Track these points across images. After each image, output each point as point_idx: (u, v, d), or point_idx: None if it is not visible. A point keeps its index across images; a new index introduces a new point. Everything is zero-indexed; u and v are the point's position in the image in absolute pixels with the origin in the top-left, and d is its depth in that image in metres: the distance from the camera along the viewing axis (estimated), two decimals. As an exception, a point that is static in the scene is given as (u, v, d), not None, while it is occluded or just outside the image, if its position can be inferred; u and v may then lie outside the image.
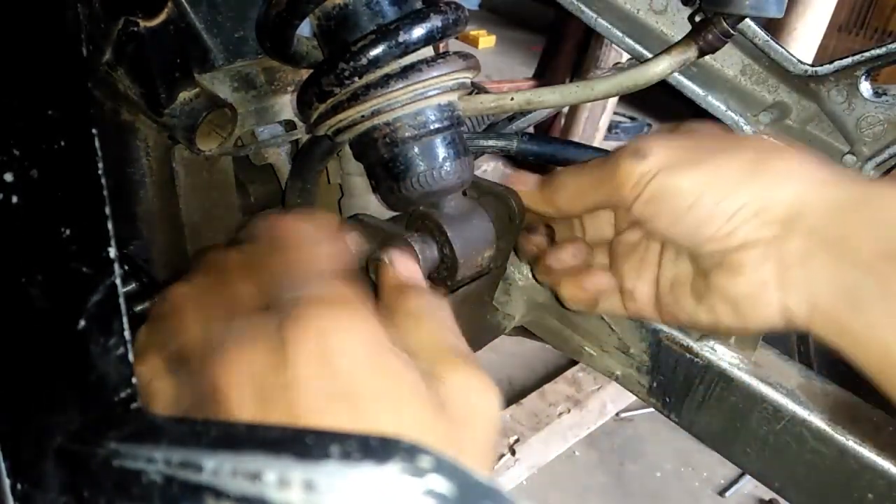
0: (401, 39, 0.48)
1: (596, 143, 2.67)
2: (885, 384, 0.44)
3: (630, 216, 0.51)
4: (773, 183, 0.46)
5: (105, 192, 0.26)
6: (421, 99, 0.50)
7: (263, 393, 0.31)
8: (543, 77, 3.17)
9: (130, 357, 0.29)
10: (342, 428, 0.30)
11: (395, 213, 0.59)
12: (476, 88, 0.59)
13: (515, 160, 0.64)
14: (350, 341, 0.32)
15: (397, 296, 0.41)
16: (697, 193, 0.47)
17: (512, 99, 0.58)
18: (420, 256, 0.51)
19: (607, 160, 0.51)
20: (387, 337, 0.34)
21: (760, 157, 0.47)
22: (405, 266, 0.44)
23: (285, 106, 0.61)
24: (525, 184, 0.57)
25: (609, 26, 0.62)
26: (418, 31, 0.48)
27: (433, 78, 0.50)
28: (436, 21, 0.49)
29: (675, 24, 0.61)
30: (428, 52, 0.51)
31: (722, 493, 1.90)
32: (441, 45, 0.54)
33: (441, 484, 0.20)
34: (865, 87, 0.56)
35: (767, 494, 1.86)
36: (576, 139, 2.64)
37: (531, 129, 0.99)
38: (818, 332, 0.46)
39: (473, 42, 4.88)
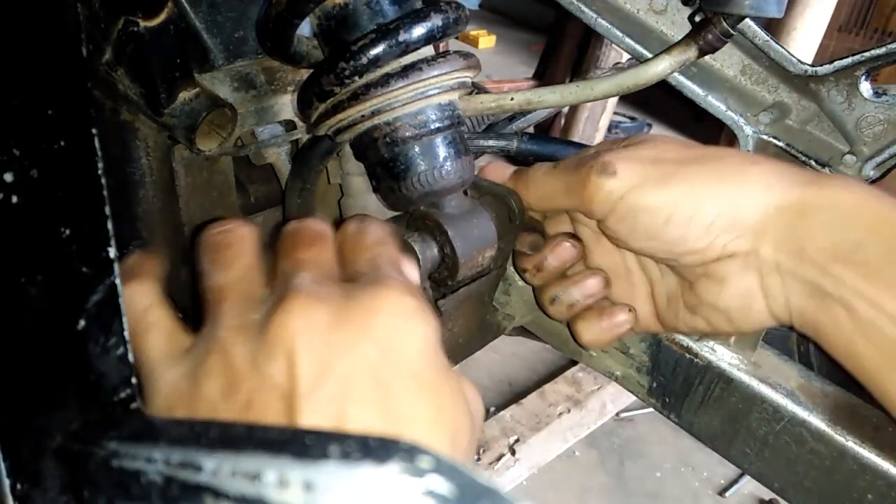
0: (401, 39, 0.48)
1: (596, 143, 2.67)
2: (860, 378, 0.46)
3: (606, 232, 0.52)
4: (741, 193, 0.47)
5: (105, 192, 0.26)
6: (421, 98, 0.50)
7: (326, 343, 0.31)
8: (543, 77, 3.18)
9: (130, 357, 0.29)
10: (392, 414, 0.31)
11: (395, 213, 0.59)
12: (476, 88, 0.59)
13: (515, 160, 0.64)
14: (424, 339, 0.33)
15: None
16: (670, 209, 0.48)
17: (512, 99, 0.58)
18: (420, 256, 0.51)
19: (578, 170, 0.51)
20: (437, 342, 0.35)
21: (726, 167, 0.48)
22: (409, 271, 0.45)
23: (285, 106, 0.61)
24: (498, 175, 0.58)
25: (609, 26, 0.62)
26: (419, 31, 0.48)
27: (434, 77, 0.50)
28: (436, 20, 0.49)
29: (675, 24, 0.61)
30: (428, 51, 0.51)
31: (722, 493, 1.90)
32: (441, 45, 0.54)
33: (440, 484, 0.20)
34: (865, 87, 0.56)
35: (767, 494, 1.86)
36: (576, 139, 2.64)
37: (531, 129, 0.99)
38: (803, 333, 0.48)
39: (473, 42, 4.88)
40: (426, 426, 0.31)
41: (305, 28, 0.52)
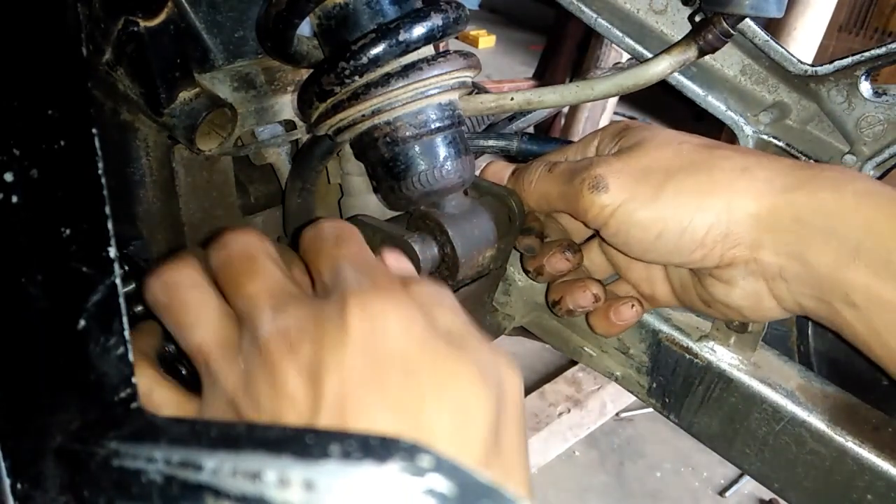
0: (401, 38, 0.48)
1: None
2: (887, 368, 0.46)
3: (605, 241, 0.53)
4: (731, 206, 0.47)
5: (105, 192, 0.26)
6: (422, 98, 0.50)
7: (319, 370, 0.31)
8: (543, 77, 3.18)
9: (130, 357, 0.29)
10: (392, 405, 0.30)
11: (395, 213, 0.59)
12: (476, 88, 0.59)
13: (515, 160, 0.64)
14: (404, 325, 0.33)
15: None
16: (661, 224, 0.48)
17: (512, 99, 0.58)
18: (420, 256, 0.51)
19: (572, 180, 0.51)
20: (430, 321, 0.34)
21: (714, 178, 0.48)
22: (397, 262, 0.43)
23: (285, 106, 0.61)
24: (498, 175, 0.59)
25: (609, 26, 0.62)
26: (419, 30, 0.48)
27: (434, 77, 0.50)
28: (436, 20, 0.49)
29: (675, 24, 0.61)
30: (428, 50, 0.51)
31: (722, 493, 1.90)
32: (441, 45, 0.54)
33: (441, 483, 0.20)
34: (865, 87, 0.56)
35: (767, 494, 1.86)
36: (576, 139, 2.64)
37: (531, 129, 0.99)
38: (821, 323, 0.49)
39: (473, 42, 4.88)
40: (427, 408, 0.31)
41: (305, 28, 0.52)
